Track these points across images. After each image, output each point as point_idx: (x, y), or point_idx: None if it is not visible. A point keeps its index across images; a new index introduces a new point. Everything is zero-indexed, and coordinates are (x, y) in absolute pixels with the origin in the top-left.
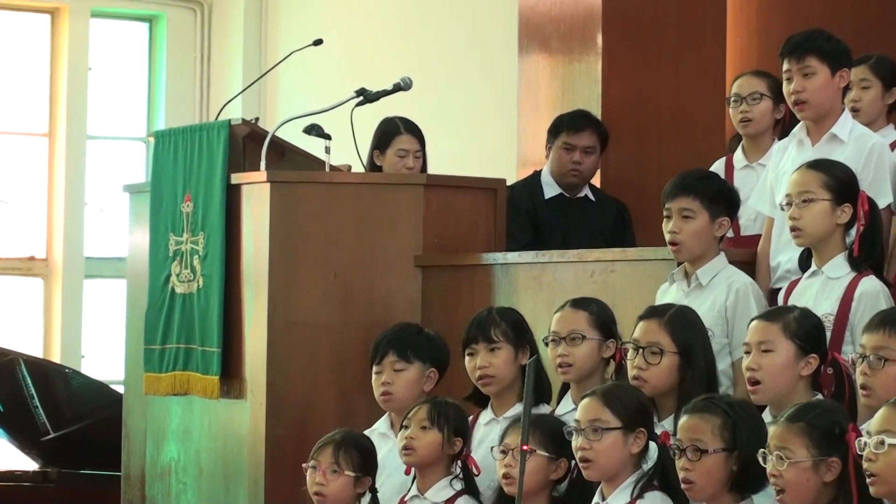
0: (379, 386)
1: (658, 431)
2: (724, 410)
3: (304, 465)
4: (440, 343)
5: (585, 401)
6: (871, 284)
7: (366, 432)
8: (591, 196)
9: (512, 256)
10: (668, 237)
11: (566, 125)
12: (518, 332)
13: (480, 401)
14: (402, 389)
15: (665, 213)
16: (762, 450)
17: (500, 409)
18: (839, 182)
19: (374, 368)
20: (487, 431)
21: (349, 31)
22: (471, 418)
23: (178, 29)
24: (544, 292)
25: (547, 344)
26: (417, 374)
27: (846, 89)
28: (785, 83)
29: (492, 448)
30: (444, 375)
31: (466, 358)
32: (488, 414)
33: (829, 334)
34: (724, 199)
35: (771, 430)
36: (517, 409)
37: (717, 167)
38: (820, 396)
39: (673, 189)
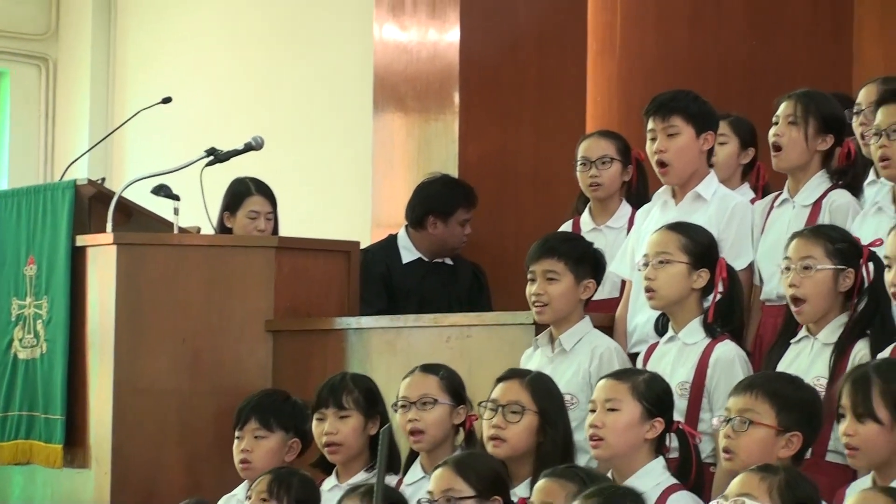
0: (238, 453)
1: (514, 499)
2: (583, 480)
3: None
4: (306, 412)
5: (438, 471)
6: (725, 350)
7: (225, 497)
8: (448, 260)
9: (366, 321)
10: (531, 299)
11: (464, 202)
12: (370, 400)
13: (328, 467)
14: (261, 458)
15: (529, 276)
16: None
17: (345, 476)
18: (698, 246)
19: (236, 434)
20: (331, 498)
21: (199, 88)
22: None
23: (23, 85)
24: (399, 358)
25: (396, 410)
26: (279, 443)
27: (710, 152)
28: (648, 142)
29: None
30: (309, 446)
31: (315, 422)
32: (332, 481)
33: (685, 402)
34: (589, 262)
35: None
36: (361, 476)
37: (565, 230)
38: (661, 460)
39: (538, 251)
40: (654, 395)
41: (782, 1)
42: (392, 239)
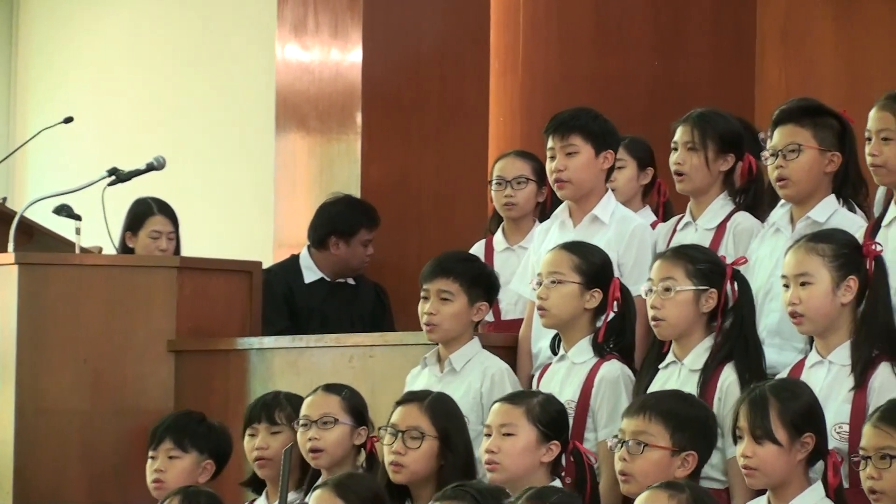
0: (151, 473)
1: None
2: (474, 497)
3: None
4: (222, 434)
5: (318, 492)
6: (611, 369)
7: None
8: (350, 280)
9: (268, 341)
10: (423, 318)
11: (365, 222)
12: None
13: (258, 486)
14: (174, 478)
15: (423, 294)
16: None
17: (275, 494)
18: (591, 266)
19: (150, 454)
20: None
21: (102, 108)
22: None
23: None
24: (301, 378)
25: (297, 428)
26: (192, 463)
27: (611, 171)
28: (548, 160)
29: None
30: (223, 467)
31: (246, 438)
32: (262, 500)
33: (571, 421)
34: (483, 283)
35: None
36: (291, 496)
37: (478, 249)
38: (558, 483)
39: (432, 270)
40: (550, 418)
41: (685, 22)
42: (294, 259)
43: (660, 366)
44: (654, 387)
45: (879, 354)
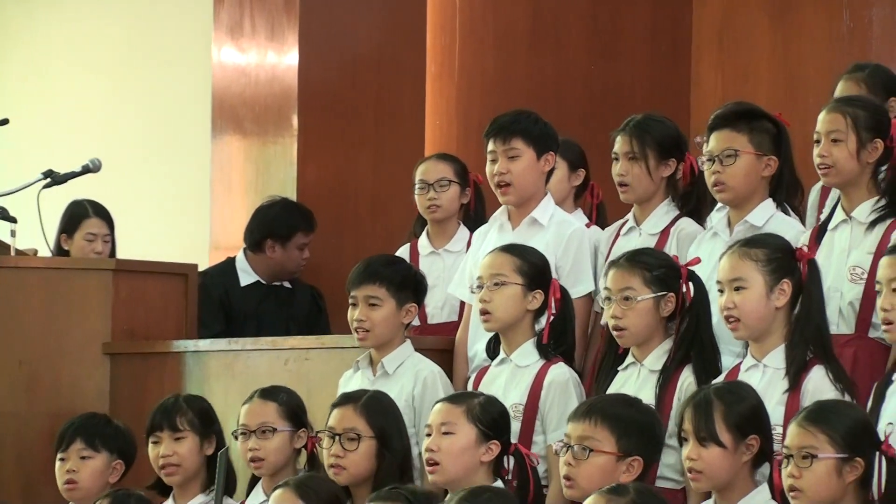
0: (63, 474)
1: None
2: (407, 499)
3: None
4: (128, 435)
5: (279, 492)
6: (560, 372)
7: None
8: (286, 283)
9: (203, 344)
10: (353, 325)
11: (302, 226)
12: (205, 421)
13: (164, 490)
14: (87, 479)
15: (351, 301)
16: None
17: (182, 498)
18: (532, 267)
19: (59, 456)
20: None
21: (38, 110)
22: None
23: None
24: (237, 381)
25: (236, 437)
26: (104, 464)
27: (550, 173)
28: (489, 164)
29: None
30: (130, 468)
31: (150, 445)
32: (170, 502)
33: (518, 424)
34: (410, 285)
35: None
36: (200, 499)
37: (402, 253)
38: (499, 483)
39: (358, 277)
40: (490, 418)
41: (622, 25)
42: (230, 262)
43: (619, 368)
44: (613, 389)
45: (813, 357)
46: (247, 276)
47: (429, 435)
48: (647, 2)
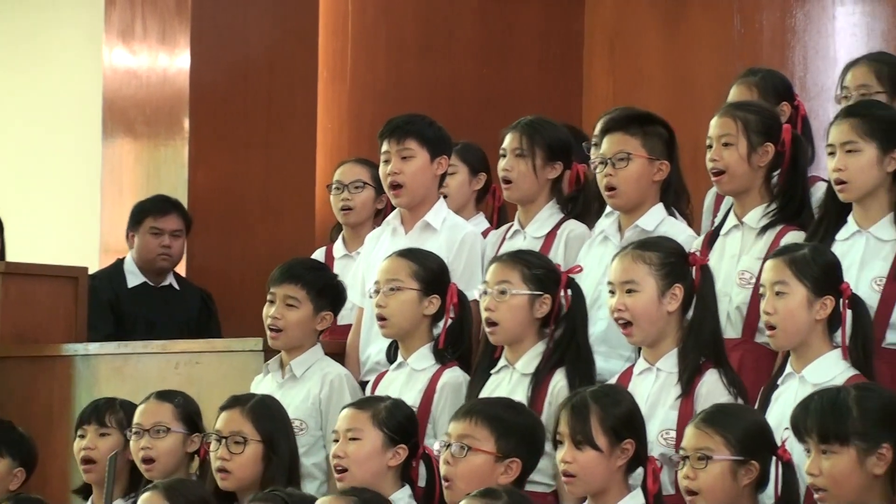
0: None
1: None
2: (284, 501)
3: None
4: (30, 442)
5: (146, 495)
6: (453, 376)
7: None
8: (175, 285)
9: (94, 347)
10: (267, 321)
11: (151, 210)
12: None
13: (88, 494)
14: None
15: (269, 298)
16: None
17: (101, 499)
18: (429, 272)
19: None
20: None
21: None
22: None
23: None
24: (127, 384)
25: (130, 436)
26: (5, 470)
27: (443, 178)
28: (382, 165)
29: None
30: (31, 476)
31: (77, 439)
32: None
33: None
34: (330, 294)
35: None
36: (118, 502)
37: (318, 256)
38: (407, 489)
39: (281, 275)
40: (396, 423)
41: (514, 30)
42: (119, 264)
43: (492, 371)
44: (486, 391)
45: (706, 362)
46: (134, 278)
47: (336, 441)
48: (539, 7)
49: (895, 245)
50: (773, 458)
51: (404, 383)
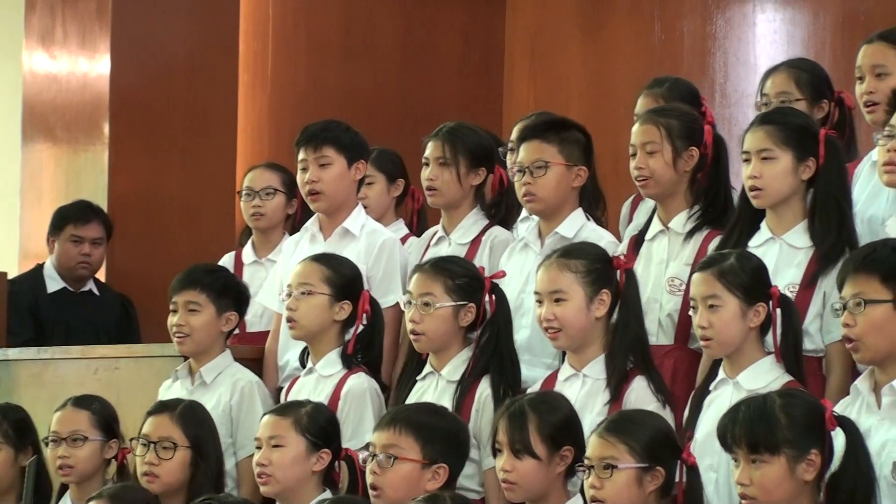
0: None
1: None
2: None
3: None
4: None
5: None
6: (358, 382)
7: None
8: (95, 290)
9: (12, 352)
10: (172, 330)
11: (72, 217)
12: (20, 432)
13: None
14: None
15: (171, 307)
16: None
17: None
18: (341, 278)
19: None
20: None
21: None
22: None
23: None
24: (46, 390)
25: (47, 444)
26: None
27: (362, 182)
28: (300, 173)
29: None
30: None
31: None
32: None
33: None
34: (231, 293)
35: None
36: None
37: (227, 262)
38: (328, 493)
39: (179, 282)
40: (318, 427)
41: (434, 35)
42: (38, 268)
43: (417, 377)
44: (412, 398)
45: (634, 368)
46: (53, 283)
47: (259, 448)
48: (460, 12)
49: (808, 252)
50: (679, 463)
51: (312, 389)
